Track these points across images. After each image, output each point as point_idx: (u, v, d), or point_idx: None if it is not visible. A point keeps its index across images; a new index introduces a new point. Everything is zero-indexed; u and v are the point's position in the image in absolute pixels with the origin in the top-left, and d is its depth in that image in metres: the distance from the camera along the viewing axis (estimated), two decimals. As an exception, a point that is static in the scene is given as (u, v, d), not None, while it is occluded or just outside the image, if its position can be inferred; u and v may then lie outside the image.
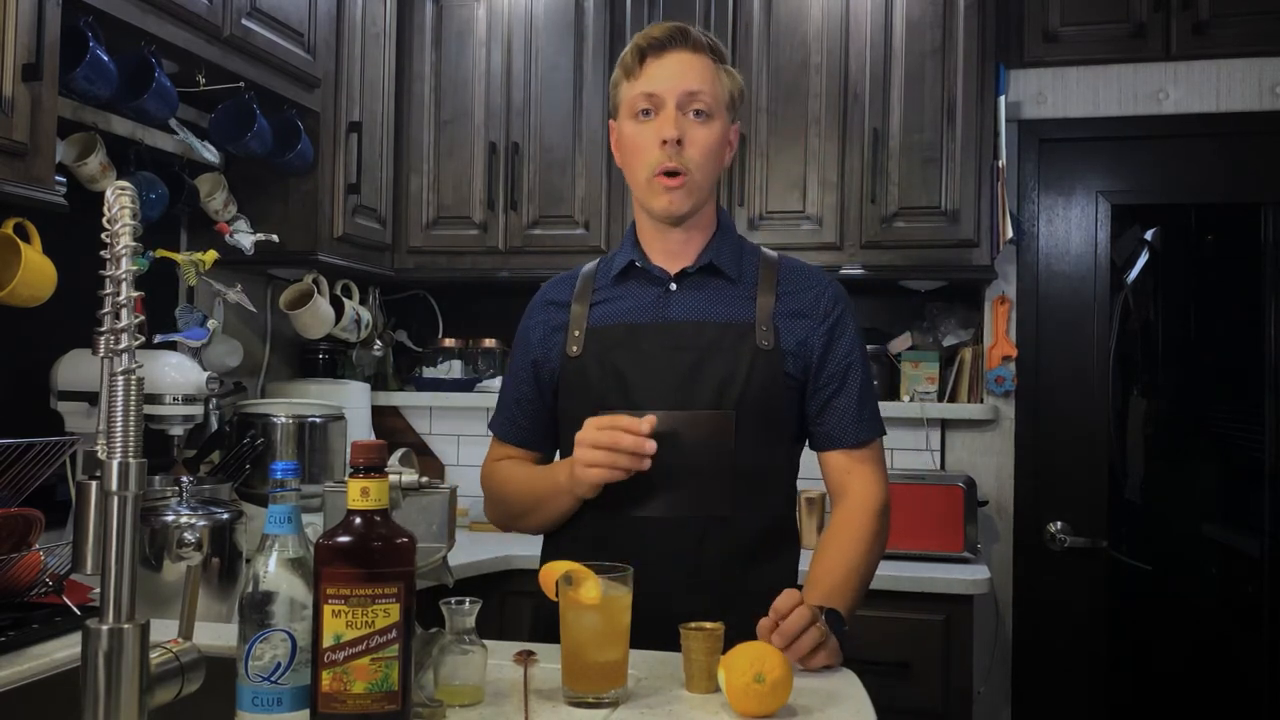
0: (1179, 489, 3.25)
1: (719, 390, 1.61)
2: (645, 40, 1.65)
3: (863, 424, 1.68)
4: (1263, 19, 3.02)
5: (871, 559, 1.63)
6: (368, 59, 3.01)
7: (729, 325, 1.64)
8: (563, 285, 1.77)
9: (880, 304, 3.29)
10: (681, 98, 1.61)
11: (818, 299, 1.68)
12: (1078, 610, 3.12)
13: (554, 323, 1.73)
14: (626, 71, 1.66)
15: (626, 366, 1.64)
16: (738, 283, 1.68)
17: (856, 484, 1.67)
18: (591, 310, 1.70)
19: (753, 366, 1.62)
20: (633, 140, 1.65)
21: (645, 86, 1.63)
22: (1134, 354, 3.30)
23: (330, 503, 1.35)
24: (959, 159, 2.92)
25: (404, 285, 3.48)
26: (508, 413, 1.78)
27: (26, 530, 1.67)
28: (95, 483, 1.07)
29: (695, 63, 1.64)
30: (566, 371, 1.68)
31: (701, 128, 1.62)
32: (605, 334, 1.67)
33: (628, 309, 1.69)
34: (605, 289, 1.72)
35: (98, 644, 1.01)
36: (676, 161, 1.60)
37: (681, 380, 1.62)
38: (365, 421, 3.21)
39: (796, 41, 3.03)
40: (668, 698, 1.34)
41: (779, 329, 1.65)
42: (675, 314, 1.66)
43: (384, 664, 1.10)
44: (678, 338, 1.64)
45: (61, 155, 2.21)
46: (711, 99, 1.63)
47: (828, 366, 1.67)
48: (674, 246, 1.69)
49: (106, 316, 1.06)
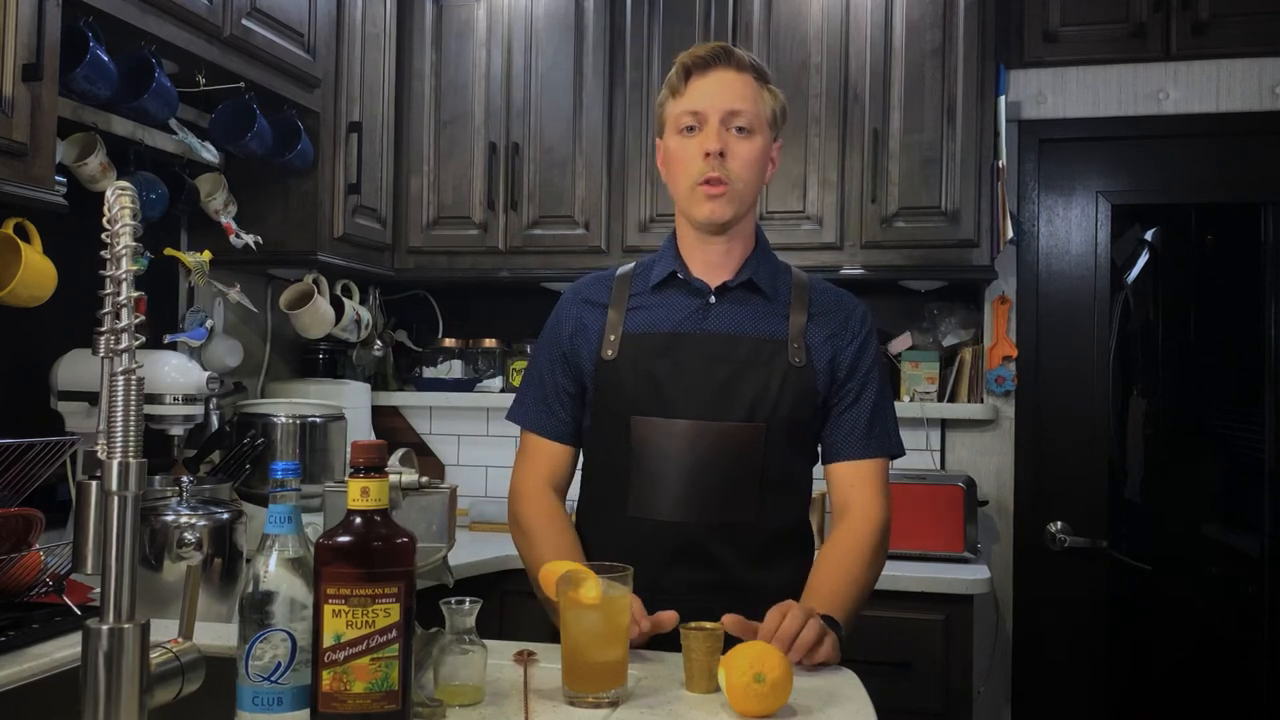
0: (1179, 489, 3.25)
1: (752, 404, 1.66)
2: (690, 59, 1.69)
3: (871, 440, 1.71)
4: (1263, 19, 3.03)
5: (870, 574, 1.66)
6: (368, 59, 3.01)
7: (765, 341, 1.69)
8: (599, 286, 1.79)
9: (880, 304, 3.29)
10: (725, 115, 1.66)
11: (847, 319, 1.74)
12: (1078, 610, 3.12)
13: (587, 321, 1.75)
14: (672, 90, 1.71)
15: (663, 374, 1.67)
16: (773, 300, 1.73)
17: (858, 500, 1.70)
18: (629, 315, 1.73)
19: (785, 382, 1.67)
20: (678, 153, 1.69)
21: (690, 104, 1.67)
22: (1134, 354, 3.30)
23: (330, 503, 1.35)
24: (959, 159, 2.92)
25: (404, 285, 3.48)
26: (545, 406, 1.78)
27: (26, 530, 1.67)
28: (95, 483, 1.07)
29: (738, 81, 1.68)
30: (600, 373, 1.71)
31: (744, 142, 1.67)
32: (643, 340, 1.70)
33: (667, 317, 1.72)
34: (644, 295, 1.75)
35: (98, 644, 1.01)
36: (719, 172, 1.65)
37: (716, 391, 1.66)
38: (365, 421, 3.21)
39: (796, 41, 3.03)
40: (668, 698, 1.34)
41: (810, 347, 1.70)
42: (714, 326, 1.70)
43: (384, 664, 1.10)
44: (715, 349, 1.68)
45: (61, 155, 2.21)
46: (754, 116, 1.68)
47: (847, 382, 1.71)
48: (714, 258, 1.72)
49: (107, 316, 1.06)
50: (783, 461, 1.69)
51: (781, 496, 1.70)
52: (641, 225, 3.09)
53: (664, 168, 1.75)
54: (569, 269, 3.13)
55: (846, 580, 1.62)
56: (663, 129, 1.74)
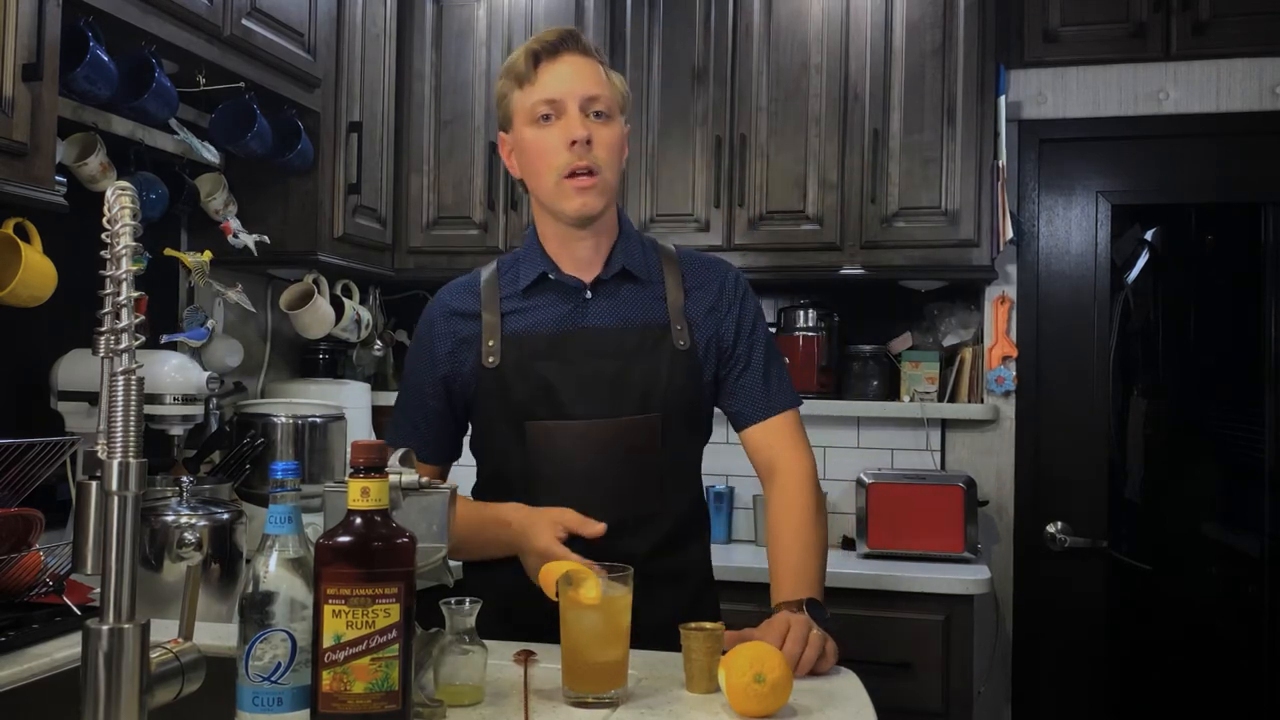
0: (1179, 489, 3.25)
1: (644, 395, 1.65)
2: (539, 45, 1.63)
3: (771, 396, 1.71)
4: (1263, 19, 3.03)
5: (821, 531, 1.67)
6: (368, 59, 3.01)
7: (647, 328, 1.67)
8: (464, 294, 1.73)
9: (880, 304, 3.29)
10: (583, 100, 1.61)
11: (721, 289, 1.73)
12: (1078, 610, 3.12)
13: (462, 333, 1.69)
14: (519, 79, 1.64)
15: (553, 376, 1.64)
16: (647, 283, 1.70)
17: (781, 458, 1.70)
18: (505, 320, 1.68)
19: (673, 368, 1.66)
20: (536, 145, 1.62)
21: (544, 92, 1.61)
22: (1134, 354, 3.30)
23: (330, 503, 1.34)
24: (959, 159, 2.92)
25: (404, 285, 3.48)
26: (413, 429, 1.72)
27: (26, 530, 1.67)
28: (95, 483, 1.07)
29: (588, 66, 1.63)
30: (483, 382, 1.67)
31: (605, 128, 1.62)
32: (525, 344, 1.66)
33: (545, 319, 1.67)
34: (516, 299, 1.69)
35: (98, 644, 1.01)
36: (588, 160, 1.59)
37: (608, 387, 1.64)
38: (365, 421, 3.21)
39: (796, 42, 3.03)
40: (668, 698, 1.34)
41: (692, 323, 1.69)
42: (594, 321, 1.67)
43: (384, 664, 1.10)
44: (600, 345, 1.65)
45: (61, 155, 2.21)
46: (609, 100, 1.64)
47: (735, 349, 1.71)
48: (583, 254, 1.68)
49: (106, 316, 1.06)
50: (679, 446, 1.70)
51: (681, 479, 1.72)
52: (641, 225, 3.09)
53: (515, 162, 1.68)
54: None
55: (806, 552, 1.62)
56: (509, 121, 1.67)
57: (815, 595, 1.56)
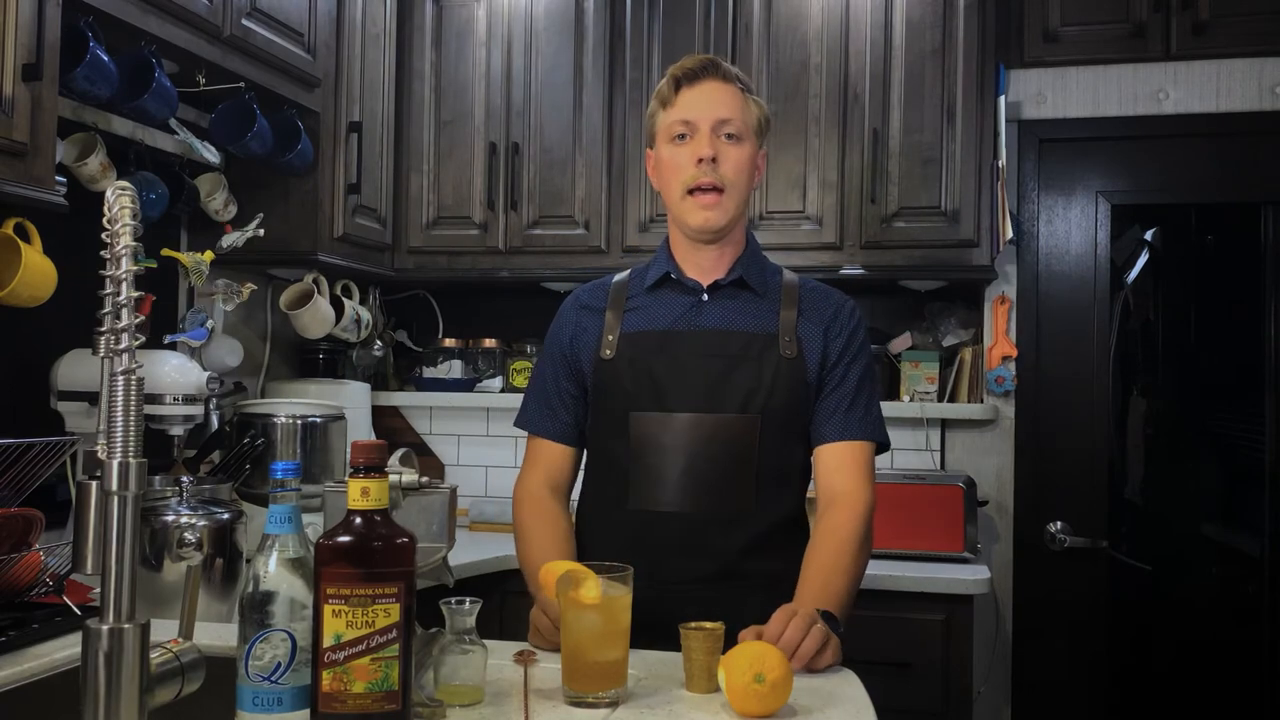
0: (1179, 489, 3.25)
1: (746, 396, 1.71)
2: (680, 71, 1.76)
3: (851, 422, 1.74)
4: (1263, 19, 3.02)
5: (860, 565, 1.68)
6: (368, 59, 3.01)
7: (756, 335, 1.74)
8: (596, 291, 1.86)
9: (880, 304, 3.29)
10: (715, 123, 1.73)
11: (837, 314, 1.79)
12: (1078, 610, 3.12)
13: (585, 325, 1.82)
14: (663, 101, 1.78)
15: (659, 370, 1.73)
16: (763, 297, 1.78)
17: (844, 487, 1.72)
18: (625, 316, 1.79)
19: (777, 373, 1.72)
20: (670, 161, 1.75)
21: (681, 114, 1.74)
22: (1134, 354, 3.30)
23: (330, 503, 1.35)
24: (959, 159, 2.92)
25: (404, 285, 3.48)
26: (548, 409, 1.84)
27: (26, 530, 1.67)
28: (95, 483, 1.07)
29: (725, 92, 1.75)
30: (599, 373, 1.77)
31: (733, 148, 1.74)
32: (639, 339, 1.76)
33: (661, 316, 1.78)
34: (639, 297, 1.81)
35: (98, 644, 1.01)
36: (712, 177, 1.70)
37: (711, 385, 1.71)
38: (365, 421, 3.21)
39: (796, 41, 3.03)
40: (668, 698, 1.34)
41: (802, 340, 1.74)
42: (707, 322, 1.76)
43: (384, 664, 1.10)
44: (709, 345, 1.73)
45: (61, 155, 2.21)
46: (741, 124, 1.75)
47: (834, 368, 1.75)
48: (707, 262, 1.79)
49: (107, 316, 1.06)
50: (778, 452, 1.73)
51: (778, 486, 1.74)
52: (641, 225, 3.09)
53: (655, 176, 1.82)
54: (569, 269, 3.14)
55: (838, 573, 1.63)
56: (653, 139, 1.81)
57: (836, 614, 1.56)
